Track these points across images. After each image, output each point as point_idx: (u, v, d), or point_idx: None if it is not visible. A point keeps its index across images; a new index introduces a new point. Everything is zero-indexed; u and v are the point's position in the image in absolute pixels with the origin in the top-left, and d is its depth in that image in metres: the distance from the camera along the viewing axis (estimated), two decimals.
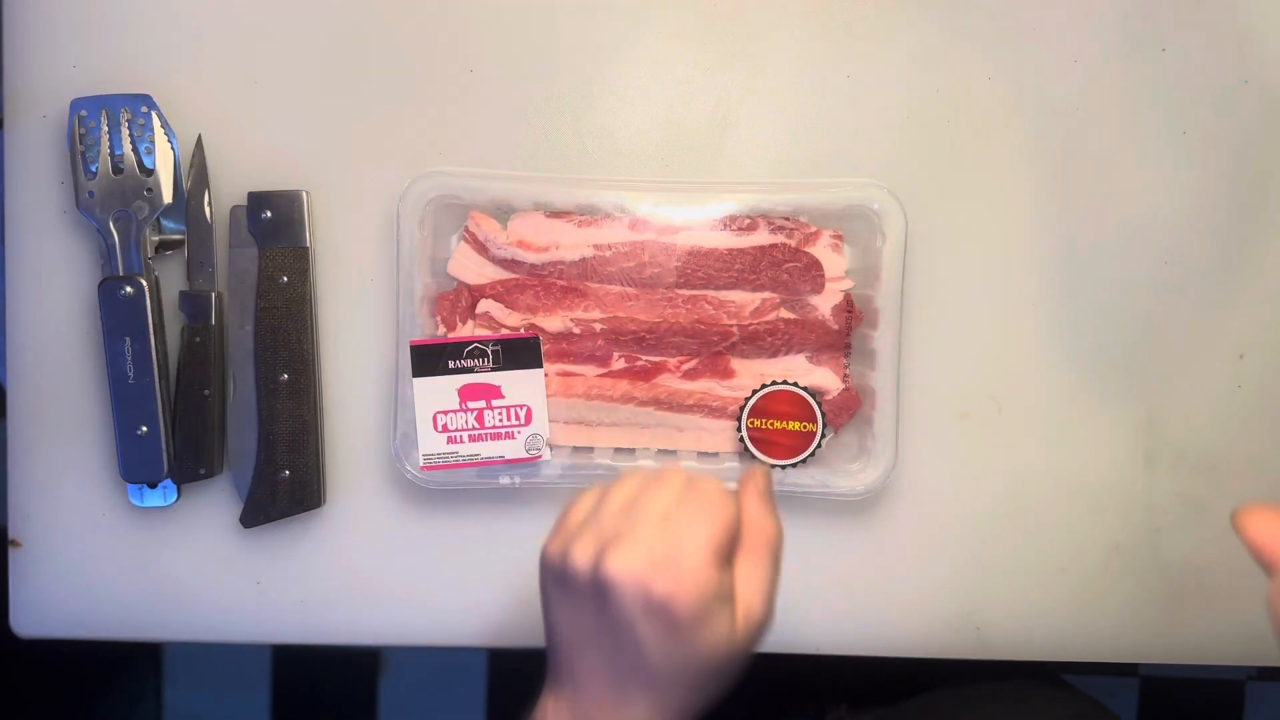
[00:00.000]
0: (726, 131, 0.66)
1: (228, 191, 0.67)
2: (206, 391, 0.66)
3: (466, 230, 0.66)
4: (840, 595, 0.66)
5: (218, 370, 0.67)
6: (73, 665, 1.28)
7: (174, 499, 0.67)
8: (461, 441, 0.64)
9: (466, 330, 0.65)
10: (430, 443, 0.64)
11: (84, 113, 0.65)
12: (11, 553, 0.69)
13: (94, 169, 0.65)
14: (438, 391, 0.64)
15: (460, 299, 0.65)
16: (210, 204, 0.67)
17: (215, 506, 0.68)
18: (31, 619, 0.69)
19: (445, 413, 0.64)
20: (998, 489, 0.67)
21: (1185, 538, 0.67)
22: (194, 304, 0.67)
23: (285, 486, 0.66)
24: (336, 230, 0.67)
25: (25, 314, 0.68)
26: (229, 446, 0.67)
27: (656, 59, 0.66)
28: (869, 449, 0.65)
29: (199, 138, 0.67)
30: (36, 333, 0.68)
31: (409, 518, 0.68)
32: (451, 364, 0.64)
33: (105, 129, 0.65)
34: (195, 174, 0.67)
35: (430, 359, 0.64)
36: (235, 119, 0.67)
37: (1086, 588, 0.68)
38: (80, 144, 0.65)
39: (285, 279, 0.66)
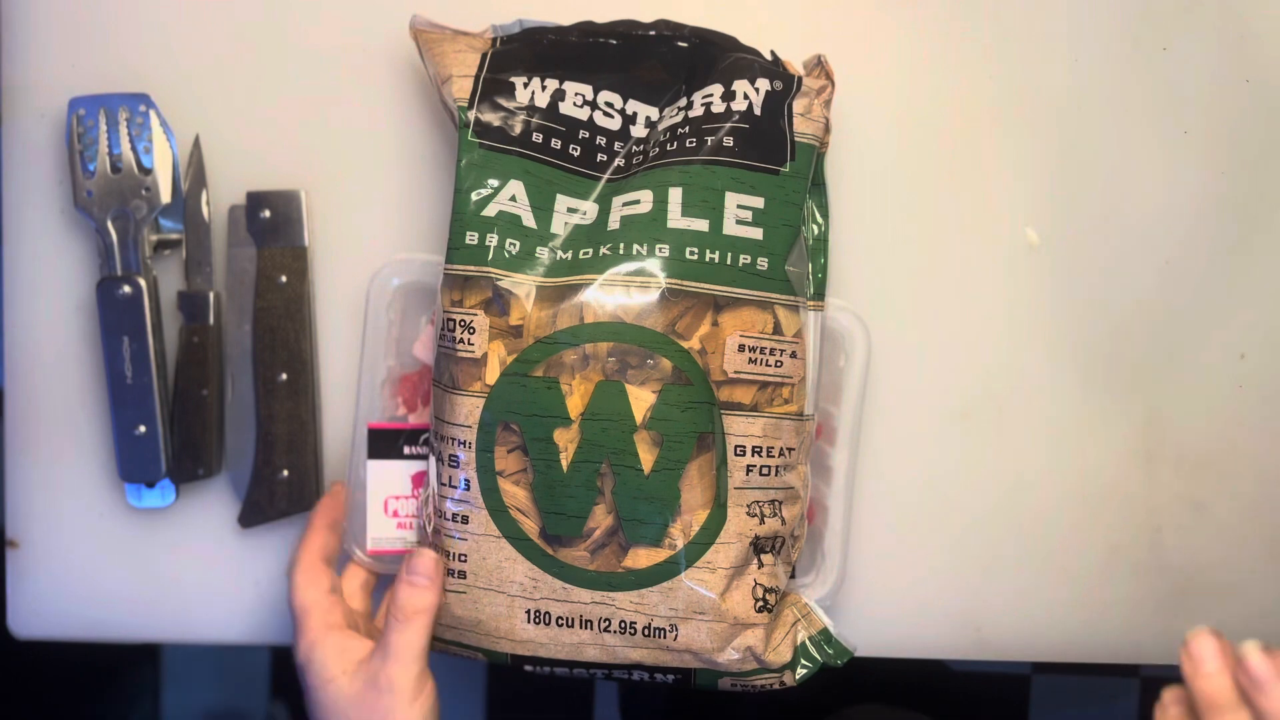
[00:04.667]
0: None
1: (226, 191, 0.67)
2: (205, 391, 0.66)
3: (435, 314, 0.65)
4: (840, 596, 0.66)
5: (216, 370, 0.67)
6: (71, 665, 1.28)
7: (172, 499, 0.67)
8: (410, 528, 0.63)
9: (428, 415, 0.63)
10: (379, 527, 0.63)
11: (82, 111, 0.65)
12: (9, 553, 0.69)
13: (92, 168, 0.65)
14: (391, 476, 0.63)
15: (423, 382, 0.65)
16: (208, 203, 0.67)
17: (213, 506, 0.68)
18: (29, 620, 0.69)
19: (397, 498, 0.63)
20: (998, 489, 0.67)
21: (1186, 538, 0.67)
22: (192, 304, 0.66)
23: (283, 486, 0.66)
24: (335, 230, 0.67)
25: (23, 313, 0.68)
26: (227, 446, 0.67)
27: None
28: (819, 565, 0.64)
29: (196, 137, 0.67)
30: (34, 332, 0.68)
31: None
32: (408, 449, 0.63)
33: (103, 128, 0.65)
34: (193, 173, 0.67)
35: (386, 443, 0.63)
36: (233, 118, 0.67)
37: (1086, 588, 0.67)
38: (78, 143, 0.65)
39: (284, 279, 0.66)
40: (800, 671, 0.59)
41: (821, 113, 0.59)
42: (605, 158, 0.59)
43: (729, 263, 0.56)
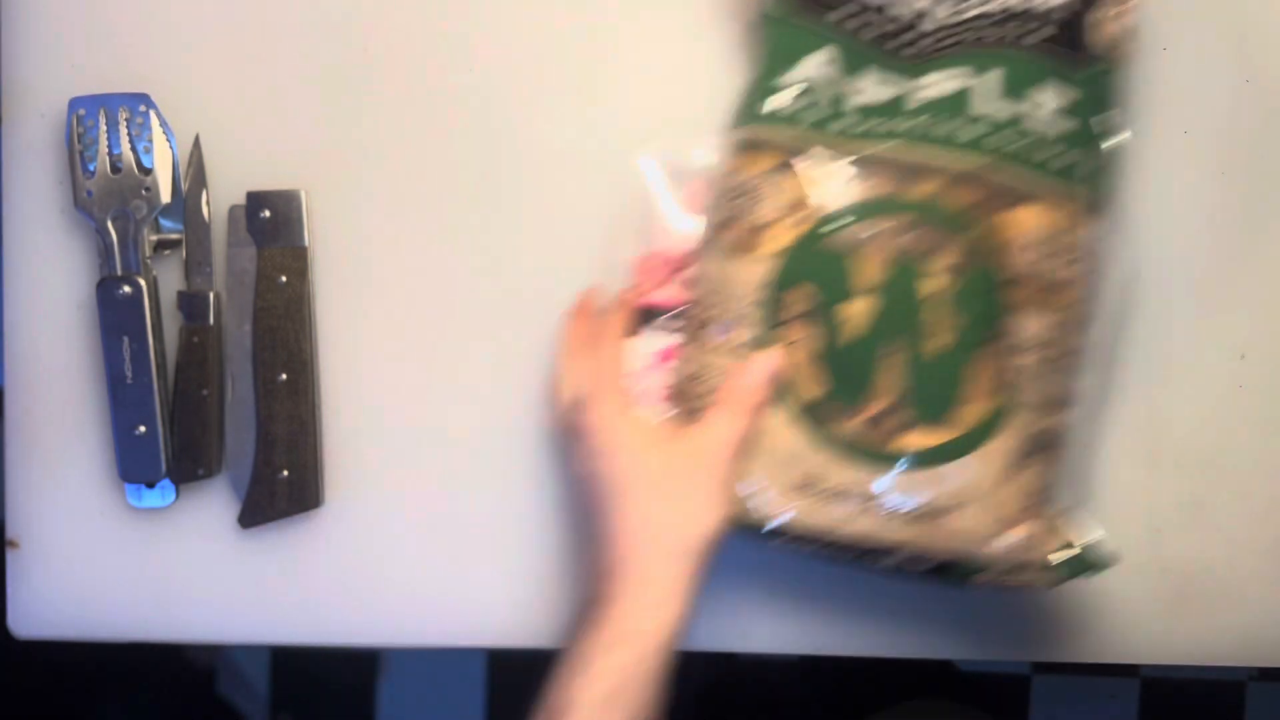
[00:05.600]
0: None
1: (226, 191, 0.67)
2: (205, 391, 0.66)
3: (714, 184, 0.62)
4: (840, 596, 0.66)
5: (216, 370, 0.67)
6: (71, 665, 1.28)
7: (172, 499, 0.67)
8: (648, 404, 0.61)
9: (676, 293, 0.62)
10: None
11: (82, 112, 0.65)
12: (9, 553, 0.69)
13: (92, 168, 0.65)
14: (634, 354, 0.61)
15: (678, 260, 0.62)
16: (208, 203, 0.67)
17: (213, 507, 0.68)
18: (29, 620, 0.69)
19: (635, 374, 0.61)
20: None
21: (1186, 538, 0.67)
22: (192, 304, 0.66)
23: (283, 486, 0.66)
24: (335, 230, 0.67)
25: (23, 314, 0.68)
26: (227, 446, 0.67)
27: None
28: None
29: (196, 137, 0.67)
30: (34, 332, 0.68)
31: (408, 517, 0.68)
32: (652, 327, 0.62)
33: (103, 128, 0.65)
34: (193, 173, 0.67)
35: (638, 319, 0.62)
36: (233, 118, 0.67)
37: (1086, 588, 0.67)
38: (78, 143, 0.65)
39: (284, 279, 0.66)
40: (1060, 572, 0.57)
41: (1128, 18, 0.58)
42: (910, 37, 0.59)
43: (1028, 157, 0.55)
